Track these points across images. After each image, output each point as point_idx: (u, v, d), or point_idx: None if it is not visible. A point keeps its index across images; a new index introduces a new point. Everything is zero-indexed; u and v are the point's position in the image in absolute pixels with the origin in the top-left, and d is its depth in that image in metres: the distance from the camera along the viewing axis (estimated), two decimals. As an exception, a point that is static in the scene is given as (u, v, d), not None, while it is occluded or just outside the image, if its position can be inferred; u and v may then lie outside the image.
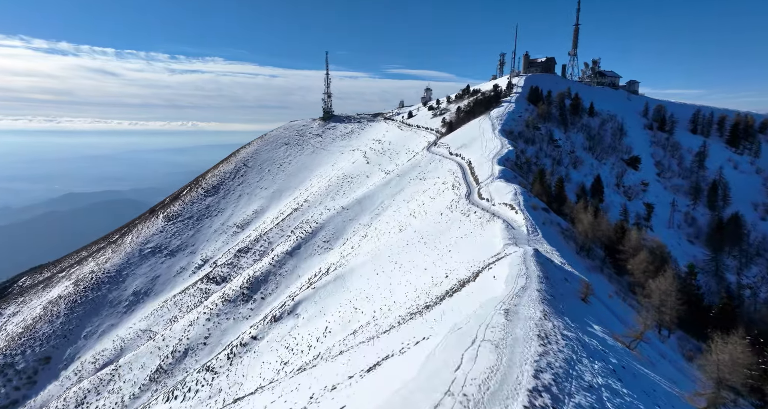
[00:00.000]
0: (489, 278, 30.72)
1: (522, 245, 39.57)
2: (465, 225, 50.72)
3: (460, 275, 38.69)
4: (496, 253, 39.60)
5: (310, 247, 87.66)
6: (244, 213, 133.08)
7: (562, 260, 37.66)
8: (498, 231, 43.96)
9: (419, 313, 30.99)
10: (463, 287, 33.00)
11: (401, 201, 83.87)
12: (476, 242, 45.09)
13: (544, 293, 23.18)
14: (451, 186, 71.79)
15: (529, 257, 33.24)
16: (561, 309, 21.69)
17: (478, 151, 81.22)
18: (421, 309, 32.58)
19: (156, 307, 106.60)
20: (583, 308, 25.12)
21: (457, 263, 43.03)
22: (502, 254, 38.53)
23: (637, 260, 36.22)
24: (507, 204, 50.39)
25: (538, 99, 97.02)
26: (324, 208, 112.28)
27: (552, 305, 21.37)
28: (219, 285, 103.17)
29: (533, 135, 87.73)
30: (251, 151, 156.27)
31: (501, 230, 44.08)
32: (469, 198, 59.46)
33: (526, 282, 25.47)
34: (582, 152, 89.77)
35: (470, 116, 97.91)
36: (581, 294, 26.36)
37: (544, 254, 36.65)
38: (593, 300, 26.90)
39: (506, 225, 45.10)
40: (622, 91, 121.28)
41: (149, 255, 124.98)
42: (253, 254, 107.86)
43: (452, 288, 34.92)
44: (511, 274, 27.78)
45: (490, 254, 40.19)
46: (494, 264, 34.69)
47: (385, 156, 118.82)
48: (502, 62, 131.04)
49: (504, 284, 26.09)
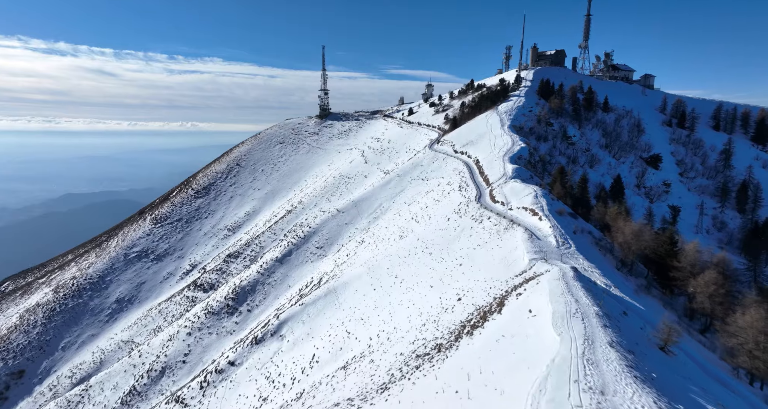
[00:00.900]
0: (522, 311, 22.55)
1: (553, 260, 31.52)
2: (478, 233, 42.52)
3: (476, 299, 30.59)
4: (522, 271, 31.56)
5: (302, 253, 79.40)
6: (235, 215, 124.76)
7: (605, 280, 29.47)
8: (520, 242, 35.80)
9: (428, 358, 22.89)
10: (486, 320, 24.85)
11: (402, 203, 75.66)
12: (494, 254, 36.92)
13: (622, 352, 15.02)
14: (457, 187, 63.59)
15: (571, 280, 25.06)
16: (654, 381, 13.60)
17: (487, 149, 73.04)
18: (430, 350, 24.46)
19: (140, 316, 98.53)
20: (672, 368, 16.89)
21: (471, 281, 34.89)
22: (529, 272, 30.49)
23: (701, 282, 28.07)
24: (527, 209, 42.20)
25: (550, 93, 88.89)
26: (319, 210, 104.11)
27: (644, 376, 13.32)
28: (207, 293, 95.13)
29: (545, 131, 79.60)
30: (244, 151, 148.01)
31: (523, 240, 35.91)
32: (480, 201, 51.28)
33: (586, 328, 17.28)
34: (598, 150, 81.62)
35: (476, 112, 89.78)
36: (661, 340, 18.17)
37: (584, 274, 28.59)
38: (675, 349, 18.66)
39: (529, 234, 36.91)
40: (637, 86, 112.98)
41: (135, 260, 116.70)
42: (244, 259, 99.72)
43: (470, 320, 26.78)
44: (557, 311, 19.57)
45: (514, 272, 32.14)
46: (524, 288, 26.54)
47: (384, 155, 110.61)
48: (507, 56, 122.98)
49: (553, 328, 17.89)
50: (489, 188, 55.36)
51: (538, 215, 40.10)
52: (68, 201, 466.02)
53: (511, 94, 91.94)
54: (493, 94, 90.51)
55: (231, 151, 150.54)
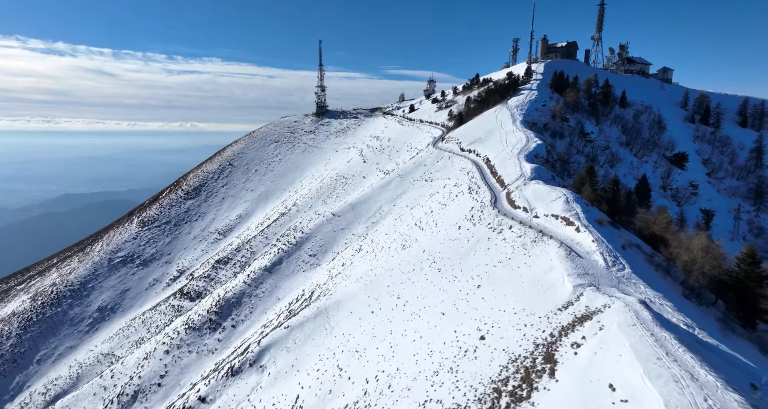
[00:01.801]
0: (596, 384, 14.58)
1: (605, 287, 23.58)
2: (498, 246, 34.44)
3: (508, 341, 22.64)
4: (566, 302, 23.62)
5: (294, 262, 71.28)
6: (227, 218, 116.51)
7: (682, 317, 21.35)
8: (556, 260, 27.76)
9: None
10: (532, 387, 16.86)
11: (403, 207, 67.58)
12: (522, 275, 28.88)
13: None
14: (466, 189, 55.51)
15: (653, 325, 17.08)
16: None
17: (497, 147, 64.95)
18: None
19: (122, 326, 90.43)
20: None
21: (495, 310, 26.91)
22: (577, 304, 22.53)
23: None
24: (559, 217, 34.11)
25: (564, 86, 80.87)
26: (314, 213, 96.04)
27: None
28: (193, 301, 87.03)
29: (561, 127, 71.58)
30: (237, 150, 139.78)
31: (560, 257, 27.86)
32: (497, 206, 43.16)
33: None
34: (618, 148, 73.58)
35: (483, 107, 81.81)
36: None
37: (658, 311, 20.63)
38: None
39: (566, 250, 28.82)
40: (654, 80, 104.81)
41: (119, 265, 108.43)
42: (233, 266, 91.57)
43: (504, 380, 18.78)
44: (670, 398, 11.56)
45: (555, 303, 24.21)
46: (580, 334, 18.54)
47: (383, 154, 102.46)
48: (515, 48, 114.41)
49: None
50: (505, 191, 47.27)
51: (574, 225, 31.98)
52: (67, 201, 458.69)
53: (521, 88, 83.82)
54: (502, 87, 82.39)
55: (224, 150, 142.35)
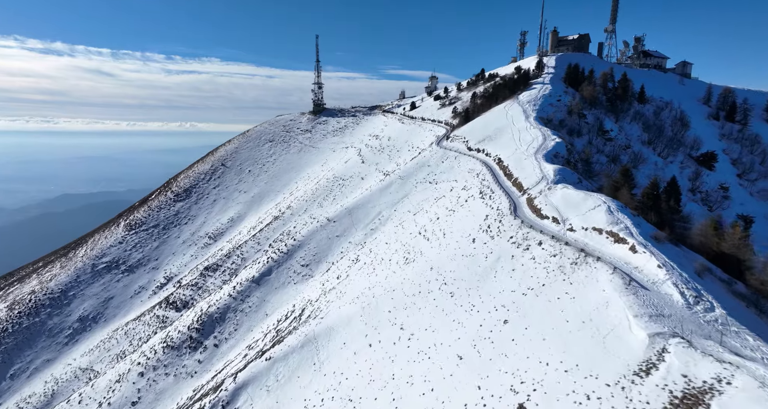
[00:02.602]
0: None
1: (698, 339, 16.44)
2: (526, 267, 27.22)
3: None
4: (642, 361, 16.36)
5: (284, 273, 63.97)
6: (218, 221, 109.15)
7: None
8: (612, 292, 20.56)
9: None
10: None
11: (405, 212, 60.32)
12: (564, 311, 21.66)
13: None
14: (477, 193, 48.24)
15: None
16: None
17: (510, 145, 57.74)
18: None
19: (104, 337, 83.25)
20: None
21: (534, 362, 19.75)
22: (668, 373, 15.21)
23: None
24: (604, 231, 26.85)
25: (579, 80, 73.69)
26: (309, 216, 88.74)
27: None
28: (179, 312, 79.83)
29: (578, 124, 64.40)
30: (231, 150, 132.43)
31: (617, 288, 20.68)
32: (518, 215, 35.88)
33: None
34: (640, 147, 66.39)
35: (491, 103, 74.63)
36: None
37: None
38: None
39: (624, 278, 21.59)
40: (672, 75, 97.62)
41: (103, 271, 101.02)
42: (223, 273, 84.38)
43: None
44: None
45: (626, 362, 16.96)
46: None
47: (383, 154, 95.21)
48: (522, 42, 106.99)
49: None
50: (525, 196, 39.99)
51: (627, 243, 24.72)
52: (65, 201, 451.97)
53: (533, 82, 76.60)
54: (512, 82, 75.13)
55: (216, 150, 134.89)
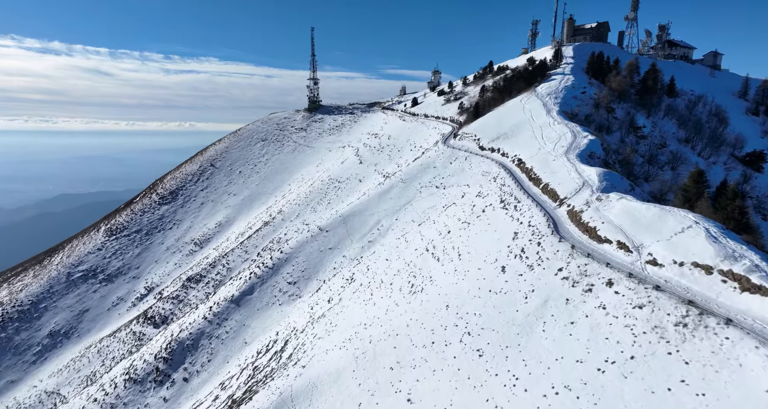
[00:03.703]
0: None
1: None
2: (597, 323, 17.98)
3: None
4: None
5: (268, 291, 54.60)
6: (204, 226, 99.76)
7: None
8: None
9: None
10: None
11: (408, 222, 51.02)
12: None
13: None
14: (497, 202, 38.88)
15: None
16: None
17: (531, 144, 48.41)
18: None
19: (75, 355, 74.01)
20: None
21: None
22: None
23: None
24: (716, 270, 17.50)
25: (604, 70, 64.36)
26: (301, 222, 79.39)
27: None
28: (157, 328, 70.67)
29: (607, 119, 55.20)
30: (221, 149, 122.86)
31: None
32: (561, 235, 26.51)
33: None
34: (676, 145, 57.17)
35: (504, 96, 65.43)
36: None
37: None
38: None
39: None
40: (701, 66, 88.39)
41: (79, 281, 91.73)
42: (206, 285, 75.14)
43: None
44: None
45: None
46: None
47: (383, 154, 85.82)
48: (534, 32, 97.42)
49: None
50: (564, 207, 30.63)
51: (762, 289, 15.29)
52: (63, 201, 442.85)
53: (551, 73, 67.30)
54: (528, 73, 65.84)
55: (206, 149, 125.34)
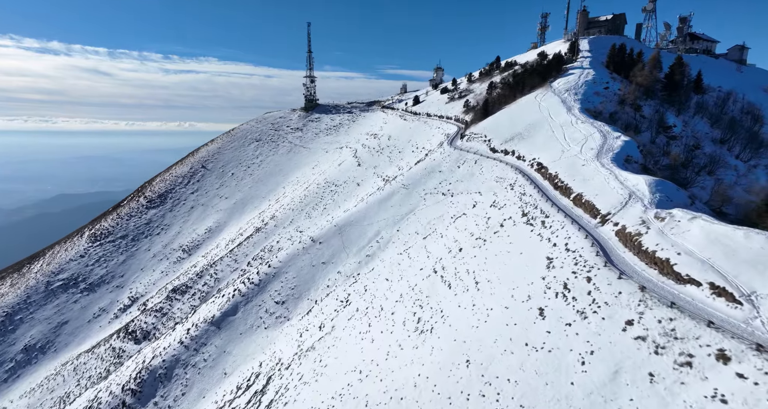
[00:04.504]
0: None
1: None
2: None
3: None
4: None
5: (253, 312, 47.89)
6: (194, 232, 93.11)
7: None
8: None
9: None
10: None
11: (412, 234, 44.34)
12: None
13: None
14: (518, 214, 32.22)
15: None
16: None
17: (552, 146, 41.75)
18: None
19: (50, 373, 67.55)
20: None
21: None
22: None
23: None
24: None
25: (627, 64, 57.63)
26: (294, 229, 72.84)
27: None
28: (139, 344, 64.13)
29: (634, 118, 48.63)
30: (213, 150, 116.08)
31: None
32: (614, 264, 19.77)
33: None
34: (710, 146, 50.55)
35: (515, 93, 58.87)
36: None
37: None
38: None
39: None
40: (725, 61, 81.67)
41: (59, 290, 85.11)
42: (192, 297, 68.70)
43: None
44: None
45: None
46: None
47: (383, 155, 79.18)
48: (543, 26, 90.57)
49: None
50: (610, 226, 23.96)
51: None
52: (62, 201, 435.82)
53: (568, 67, 60.61)
54: (542, 67, 59.15)
55: (198, 150, 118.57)
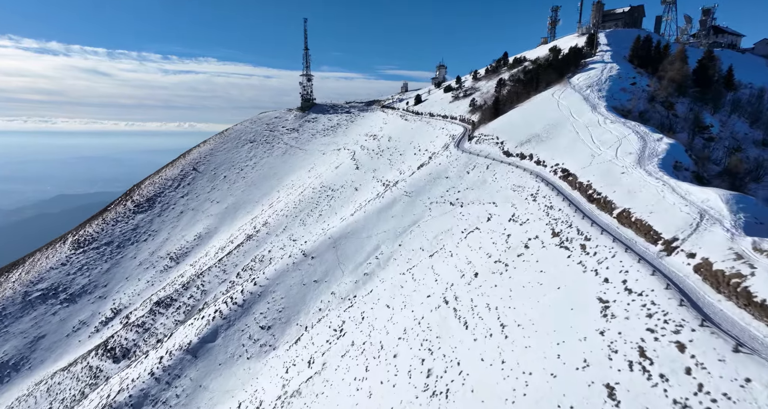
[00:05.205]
0: None
1: None
2: None
3: None
4: None
5: (235, 338, 41.65)
6: (183, 238, 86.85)
7: None
8: None
9: None
10: None
11: (416, 250, 38.15)
12: None
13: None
14: (548, 233, 26.00)
15: None
16: None
17: (579, 149, 35.53)
18: None
19: (23, 393, 61.46)
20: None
21: None
22: None
23: None
24: None
25: (652, 58, 51.41)
26: (288, 238, 66.78)
27: None
28: (117, 363, 58.04)
29: (667, 117, 42.56)
30: (205, 152, 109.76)
31: None
32: (715, 323, 13.52)
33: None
34: (752, 149, 44.43)
35: (529, 90, 52.71)
36: None
37: None
38: None
39: None
40: (752, 56, 75.51)
41: (37, 301, 78.89)
42: (177, 311, 62.70)
43: None
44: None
45: None
46: None
47: (382, 158, 72.98)
48: (554, 20, 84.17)
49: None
50: (682, 257, 17.83)
51: None
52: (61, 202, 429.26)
53: (587, 62, 54.42)
54: (560, 61, 52.92)
55: (189, 152, 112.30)
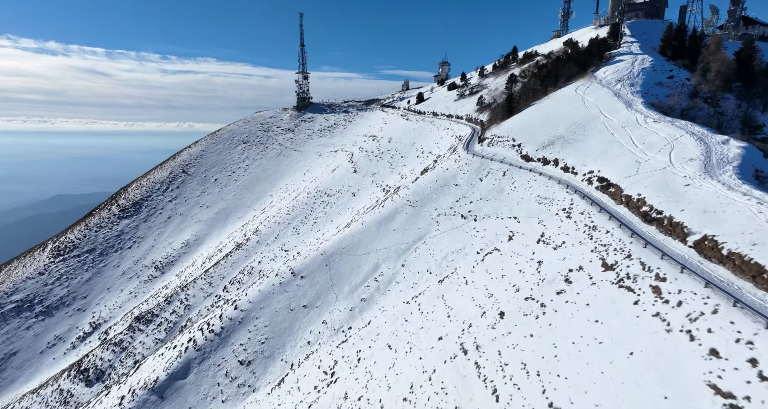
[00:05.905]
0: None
1: None
2: None
3: None
4: None
5: (209, 374, 35.20)
6: (169, 246, 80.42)
7: None
8: None
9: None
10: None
11: (422, 273, 31.83)
12: None
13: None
14: (597, 265, 19.59)
15: None
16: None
17: (618, 153, 29.21)
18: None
19: (-10, 418, 54.96)
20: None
21: None
22: None
23: None
24: None
25: (688, 49, 44.92)
26: (279, 247, 60.49)
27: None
28: (90, 387, 51.72)
29: (712, 115, 36.38)
30: (196, 153, 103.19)
31: None
32: None
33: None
34: (807, 155, 38.38)
35: (546, 86, 46.39)
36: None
37: None
38: None
39: None
40: (786, 51, 70.02)
41: (10, 315, 72.58)
42: (158, 327, 56.38)
43: None
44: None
45: None
46: None
47: (382, 161, 66.57)
48: (566, 12, 77.50)
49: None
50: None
51: None
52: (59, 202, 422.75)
53: (614, 53, 48.06)
54: (583, 53, 46.56)
55: (179, 153, 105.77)
